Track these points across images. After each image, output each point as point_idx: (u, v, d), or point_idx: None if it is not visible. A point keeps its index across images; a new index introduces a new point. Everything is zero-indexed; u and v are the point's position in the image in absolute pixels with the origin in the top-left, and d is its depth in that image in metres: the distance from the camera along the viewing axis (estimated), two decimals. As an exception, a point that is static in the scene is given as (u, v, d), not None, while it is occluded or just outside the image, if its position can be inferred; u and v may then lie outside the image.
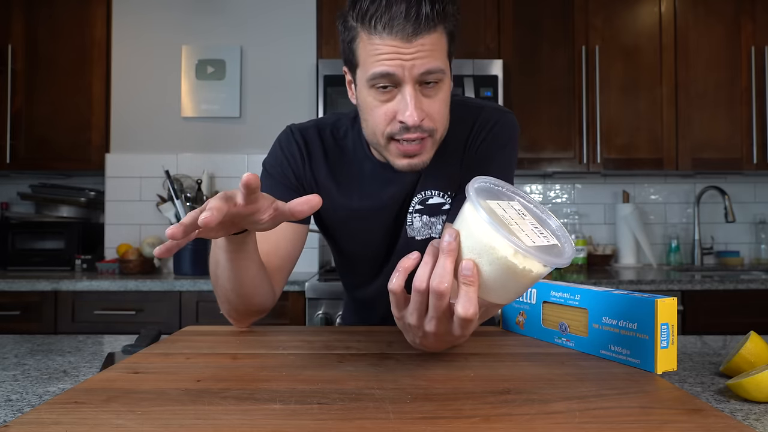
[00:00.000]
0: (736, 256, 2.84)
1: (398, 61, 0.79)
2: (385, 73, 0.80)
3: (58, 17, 2.60)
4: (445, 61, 0.85)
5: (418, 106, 0.81)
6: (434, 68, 0.81)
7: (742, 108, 2.59)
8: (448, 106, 0.88)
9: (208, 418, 0.49)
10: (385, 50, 0.79)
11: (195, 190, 2.57)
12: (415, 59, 0.79)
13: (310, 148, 1.00)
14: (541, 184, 2.96)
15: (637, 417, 0.50)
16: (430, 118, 0.84)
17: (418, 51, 0.79)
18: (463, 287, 0.55)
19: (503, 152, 0.96)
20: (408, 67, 0.79)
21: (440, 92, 0.85)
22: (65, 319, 2.22)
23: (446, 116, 0.88)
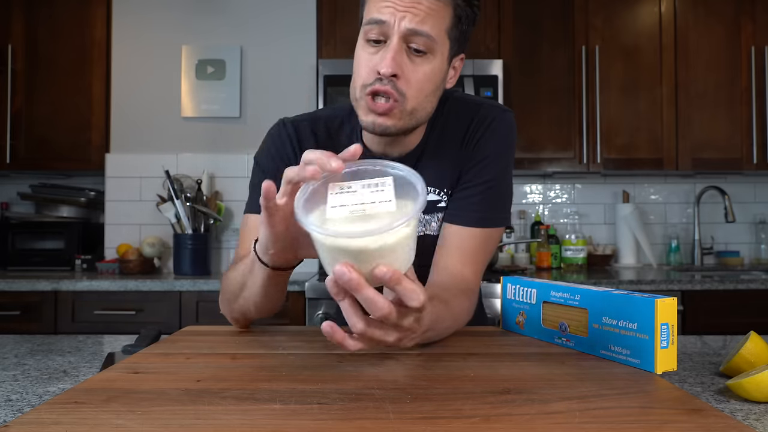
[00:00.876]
0: (736, 256, 2.85)
1: (392, 8, 0.80)
2: (376, 20, 0.81)
3: (58, 17, 2.60)
4: (441, 35, 0.83)
5: (396, 59, 0.81)
6: (423, 30, 0.81)
7: (742, 108, 2.59)
8: (432, 84, 0.86)
9: (208, 418, 0.49)
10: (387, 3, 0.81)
11: (195, 190, 2.57)
12: (407, 11, 0.80)
13: (303, 144, 0.98)
14: (541, 184, 2.96)
15: (637, 417, 0.50)
16: (406, 81, 0.83)
17: (414, 6, 0.80)
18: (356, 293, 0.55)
19: (500, 150, 0.94)
20: (399, 18, 0.80)
21: (426, 64, 0.84)
22: (65, 319, 2.22)
23: (424, 92, 0.85)
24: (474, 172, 0.93)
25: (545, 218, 2.96)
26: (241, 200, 2.70)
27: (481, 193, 0.92)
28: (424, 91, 0.85)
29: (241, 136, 2.75)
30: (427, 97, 0.87)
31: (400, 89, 0.83)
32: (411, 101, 0.84)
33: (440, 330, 0.76)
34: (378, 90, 0.83)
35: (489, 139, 0.94)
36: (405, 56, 0.82)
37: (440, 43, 0.84)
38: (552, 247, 2.72)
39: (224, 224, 2.71)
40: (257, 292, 0.80)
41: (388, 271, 0.54)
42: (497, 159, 0.94)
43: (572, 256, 2.68)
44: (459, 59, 0.92)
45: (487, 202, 0.93)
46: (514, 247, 2.89)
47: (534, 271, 2.64)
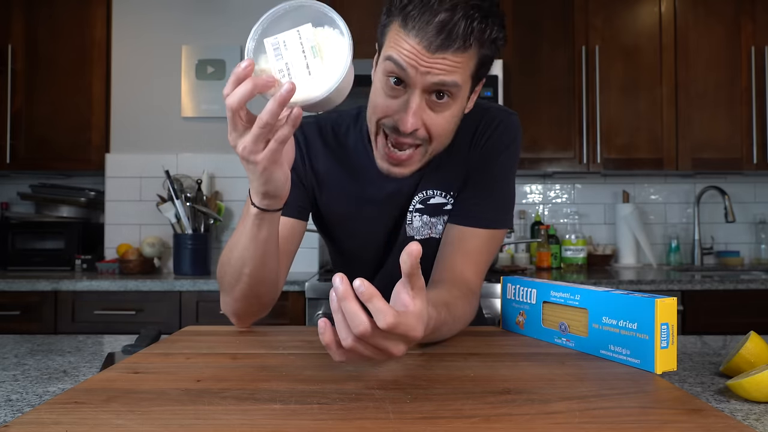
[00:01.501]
0: (736, 256, 2.85)
1: (415, 62, 0.77)
2: (398, 64, 0.78)
3: (58, 17, 2.60)
4: (466, 79, 0.81)
5: (417, 115, 0.80)
6: (449, 82, 0.78)
7: (742, 108, 2.59)
8: (453, 124, 0.85)
9: (208, 418, 0.49)
10: (407, 47, 0.77)
11: (195, 190, 2.57)
12: (431, 69, 0.77)
13: (310, 143, 0.98)
14: (541, 184, 2.96)
15: (637, 417, 0.50)
16: (428, 130, 0.82)
17: (438, 64, 0.77)
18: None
19: (506, 154, 0.95)
20: (422, 73, 0.77)
21: (449, 108, 0.82)
22: (65, 319, 2.22)
23: (448, 133, 0.86)
24: (480, 174, 0.94)
25: (545, 218, 2.96)
26: (241, 200, 2.70)
27: (487, 195, 0.93)
28: (446, 132, 0.85)
29: (241, 136, 2.75)
30: (449, 136, 0.87)
31: (422, 138, 0.83)
32: (433, 145, 0.85)
33: (443, 332, 0.76)
34: (400, 143, 0.83)
35: (495, 142, 0.94)
36: (426, 107, 0.81)
37: (463, 87, 0.82)
38: (552, 247, 2.72)
39: (224, 224, 2.71)
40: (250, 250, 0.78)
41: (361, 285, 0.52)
42: (503, 162, 0.95)
43: (572, 256, 2.68)
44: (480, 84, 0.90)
45: (492, 204, 0.93)
46: (514, 247, 2.89)
47: (534, 271, 2.64)
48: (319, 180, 0.99)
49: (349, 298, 0.53)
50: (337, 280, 0.53)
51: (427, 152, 0.86)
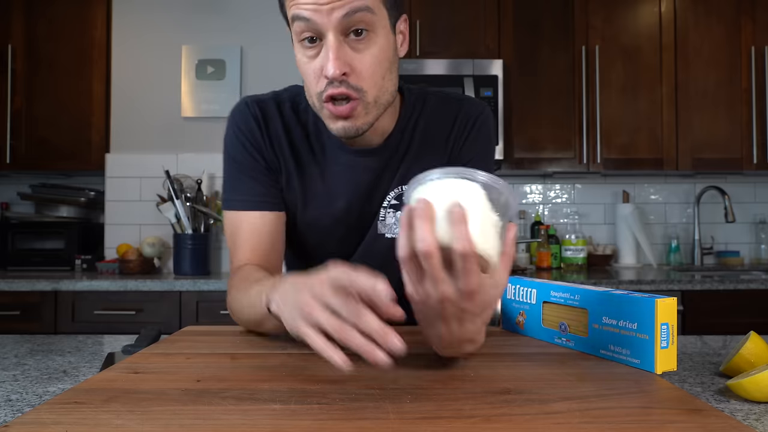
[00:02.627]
0: (736, 256, 2.85)
1: (314, 5, 0.73)
2: (300, 17, 0.75)
3: (58, 17, 2.61)
4: (378, 6, 0.76)
5: (339, 57, 0.75)
6: (358, 6, 0.73)
7: (742, 108, 2.59)
8: (384, 63, 0.80)
9: (208, 418, 0.49)
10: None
11: (195, 190, 2.57)
12: (332, 3, 0.73)
13: (269, 123, 0.92)
14: (541, 184, 2.96)
15: (637, 417, 0.50)
16: (357, 76, 0.77)
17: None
18: (455, 226, 0.54)
19: (486, 148, 0.97)
20: (325, 12, 0.73)
21: (372, 45, 0.78)
22: (65, 319, 2.22)
23: (380, 75, 0.80)
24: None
25: (545, 218, 2.96)
26: (241, 200, 2.70)
27: None
28: (379, 75, 0.80)
29: (241, 136, 2.75)
30: (384, 78, 0.81)
31: (354, 85, 0.78)
32: (371, 91, 0.80)
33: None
34: (333, 94, 0.78)
35: (477, 136, 0.95)
36: (347, 48, 0.76)
37: (378, 15, 0.77)
38: (552, 247, 2.72)
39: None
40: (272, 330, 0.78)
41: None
42: (486, 155, 0.96)
43: (572, 256, 2.68)
44: (402, 21, 0.85)
45: None
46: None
47: (534, 271, 2.64)
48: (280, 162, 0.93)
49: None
50: (421, 201, 0.55)
51: (369, 105, 0.80)
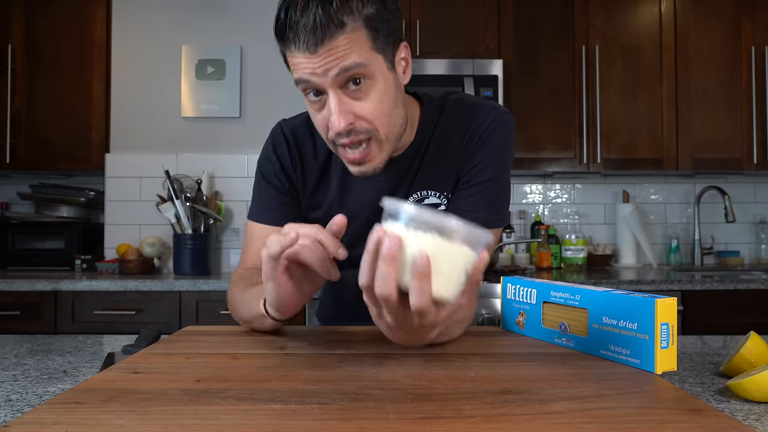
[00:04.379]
0: (736, 256, 2.85)
1: (309, 69, 0.78)
2: (302, 80, 0.80)
3: (58, 17, 2.61)
4: (370, 56, 0.79)
5: (342, 111, 0.79)
6: (348, 65, 0.77)
7: (742, 108, 2.59)
8: (388, 103, 0.83)
9: (208, 418, 0.49)
10: (299, 62, 0.79)
11: (195, 190, 2.57)
12: (326, 65, 0.77)
13: (302, 148, 1.00)
14: (541, 184, 2.96)
15: (637, 417, 0.50)
16: (364, 120, 0.82)
17: (327, 57, 0.77)
18: (416, 281, 0.55)
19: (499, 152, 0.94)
20: (321, 74, 0.78)
21: (372, 91, 0.81)
22: (65, 319, 2.22)
23: (387, 114, 0.84)
24: (473, 173, 0.93)
25: (545, 218, 2.96)
26: (240, 200, 2.70)
27: (480, 194, 0.92)
28: (385, 115, 0.83)
29: (241, 136, 2.75)
30: (391, 115, 0.85)
31: (363, 129, 0.82)
32: (381, 129, 0.83)
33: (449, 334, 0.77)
34: (345, 144, 0.83)
35: (488, 141, 0.93)
36: (348, 99, 0.80)
37: (372, 63, 0.80)
38: (552, 247, 2.72)
39: (224, 224, 2.71)
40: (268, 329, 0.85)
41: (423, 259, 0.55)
42: (496, 160, 0.93)
43: (572, 256, 2.68)
44: (402, 48, 0.88)
45: (486, 203, 0.93)
46: (514, 247, 2.89)
47: (534, 271, 2.64)
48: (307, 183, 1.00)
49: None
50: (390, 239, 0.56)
51: (382, 142, 0.85)
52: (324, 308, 1.21)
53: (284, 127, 1.01)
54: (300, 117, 1.02)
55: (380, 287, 0.57)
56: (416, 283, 0.56)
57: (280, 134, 1.01)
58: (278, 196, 1.00)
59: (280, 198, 1.00)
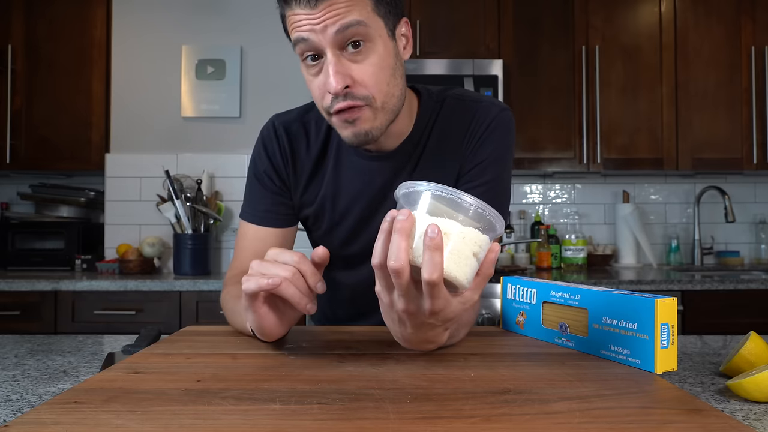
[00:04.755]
0: (736, 256, 2.85)
1: (309, 26, 0.77)
2: (300, 39, 0.78)
3: (58, 17, 2.61)
4: (369, 15, 0.78)
5: (338, 71, 0.78)
6: (348, 22, 0.76)
7: (742, 108, 2.59)
8: (387, 70, 0.82)
9: (208, 418, 0.49)
10: (298, 19, 0.77)
11: (195, 190, 2.57)
12: (325, 21, 0.76)
13: (294, 143, 0.98)
14: (541, 184, 2.96)
15: (637, 417, 0.50)
16: (362, 85, 0.80)
17: (327, 12, 0.76)
18: (428, 252, 0.55)
19: (500, 151, 0.93)
20: (320, 30, 0.76)
21: (371, 54, 0.80)
22: (65, 319, 2.22)
23: (385, 81, 0.82)
24: (474, 172, 0.92)
25: (545, 218, 2.96)
26: (240, 200, 2.69)
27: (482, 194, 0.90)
28: (383, 82, 0.82)
29: (241, 136, 2.75)
30: (389, 84, 0.83)
31: (359, 95, 0.80)
32: (377, 97, 0.82)
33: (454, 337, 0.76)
34: (340, 109, 0.81)
35: (489, 141, 0.92)
36: (346, 61, 0.79)
37: (373, 26, 0.79)
38: (552, 247, 2.72)
39: (224, 224, 2.71)
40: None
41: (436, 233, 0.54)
42: (497, 161, 0.92)
43: (572, 256, 2.68)
44: (403, 24, 0.87)
45: (489, 203, 0.92)
46: (514, 247, 2.89)
47: (534, 271, 2.64)
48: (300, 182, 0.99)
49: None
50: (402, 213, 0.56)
51: (377, 110, 0.83)
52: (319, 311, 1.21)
53: (276, 123, 1.00)
54: (294, 112, 1.01)
55: (393, 260, 0.56)
56: (428, 255, 0.55)
57: (272, 131, 0.99)
58: (269, 196, 0.99)
59: (271, 198, 0.99)
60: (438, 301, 0.58)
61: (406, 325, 0.63)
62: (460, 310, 0.61)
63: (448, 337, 0.68)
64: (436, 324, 0.63)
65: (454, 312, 0.61)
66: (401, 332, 0.65)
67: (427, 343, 0.67)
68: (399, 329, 0.65)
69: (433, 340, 0.67)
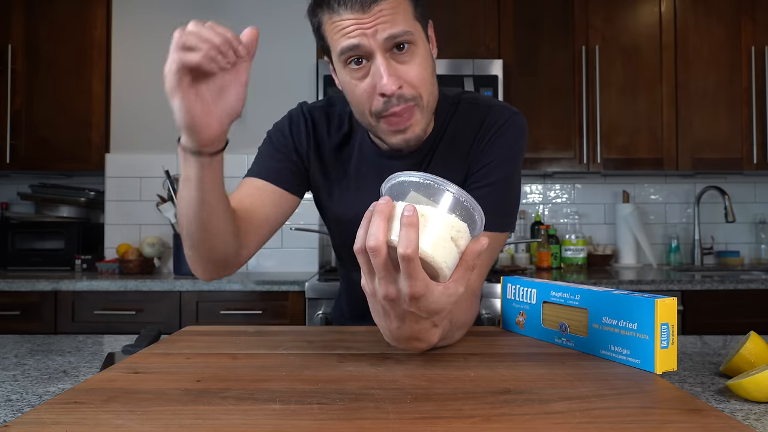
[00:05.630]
0: (736, 256, 2.85)
1: (359, 30, 0.79)
2: (351, 46, 0.80)
3: (58, 17, 2.60)
4: (413, 23, 0.83)
5: (392, 73, 0.81)
6: (398, 32, 0.80)
7: (742, 108, 2.59)
8: (429, 70, 0.86)
9: (208, 418, 0.49)
10: (347, 24, 0.80)
11: (195, 190, 2.56)
12: (376, 26, 0.79)
13: (317, 129, 1.01)
14: (541, 184, 2.96)
15: (637, 417, 0.50)
16: (410, 85, 0.83)
17: (378, 17, 0.79)
18: (403, 228, 0.56)
19: (508, 153, 0.93)
20: (371, 35, 0.79)
21: (416, 56, 0.83)
22: (65, 319, 2.22)
23: (429, 81, 0.86)
24: (481, 174, 0.92)
25: (545, 218, 2.96)
26: (241, 200, 2.70)
27: (487, 196, 0.90)
28: (426, 80, 0.85)
29: (241, 136, 2.74)
30: (432, 84, 0.87)
31: (410, 96, 0.83)
32: (424, 96, 0.86)
33: (449, 339, 0.76)
34: (395, 113, 0.83)
35: (497, 142, 0.93)
36: (395, 63, 0.82)
37: (415, 30, 0.83)
38: (552, 247, 2.72)
39: (224, 224, 2.71)
40: (194, 204, 0.78)
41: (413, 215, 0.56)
42: (505, 162, 0.93)
43: (572, 256, 2.68)
44: (430, 27, 0.91)
45: (493, 205, 0.92)
46: (514, 247, 2.89)
47: (534, 271, 2.64)
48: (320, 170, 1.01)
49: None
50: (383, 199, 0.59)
51: (423, 109, 0.86)
52: (338, 309, 1.22)
53: (304, 108, 1.03)
54: (319, 102, 1.04)
55: (371, 240, 0.57)
56: (403, 231, 0.56)
57: (300, 113, 1.02)
58: (283, 160, 0.99)
59: (284, 162, 0.99)
60: (416, 282, 0.57)
61: (390, 316, 0.63)
62: (444, 303, 0.61)
63: (440, 337, 0.67)
64: (419, 315, 0.61)
65: (438, 303, 0.60)
66: (388, 326, 0.65)
67: (415, 340, 0.66)
68: (385, 323, 0.64)
69: (422, 337, 0.65)
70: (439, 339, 0.68)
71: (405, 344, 0.67)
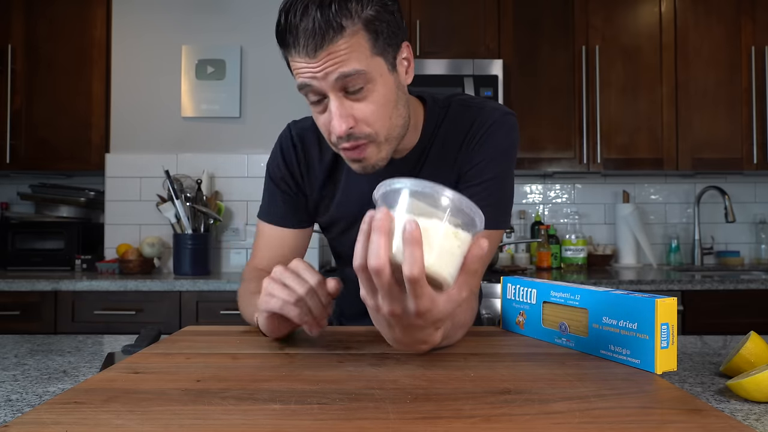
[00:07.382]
0: (736, 256, 2.85)
1: (310, 74, 0.78)
2: (303, 85, 0.80)
3: (58, 17, 2.60)
4: (369, 60, 0.79)
5: (342, 115, 0.80)
6: (348, 72, 0.77)
7: (742, 108, 2.59)
8: (389, 105, 0.83)
9: (208, 418, 0.49)
10: (300, 66, 0.79)
11: (195, 190, 2.57)
12: (325, 69, 0.77)
13: (308, 152, 1.02)
14: (541, 184, 2.96)
15: (637, 417, 0.50)
16: (365, 123, 0.82)
17: (326, 61, 0.77)
18: (407, 247, 0.54)
19: (500, 151, 0.93)
20: (321, 78, 0.78)
21: (372, 93, 0.81)
22: (65, 319, 2.22)
23: (387, 116, 0.84)
24: (473, 172, 0.92)
25: (545, 218, 2.96)
26: (240, 200, 2.70)
27: (480, 194, 0.90)
28: (385, 117, 0.83)
29: (241, 136, 2.75)
30: (392, 117, 0.85)
31: (362, 134, 0.82)
32: (380, 132, 0.84)
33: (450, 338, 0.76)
34: (345, 148, 0.84)
35: (489, 140, 0.92)
36: (348, 102, 0.80)
37: (372, 68, 0.80)
38: (552, 247, 2.72)
39: (224, 224, 2.71)
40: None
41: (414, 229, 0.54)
42: (496, 160, 0.92)
43: (572, 256, 2.68)
44: (404, 49, 0.87)
45: (488, 203, 0.92)
46: (514, 247, 2.89)
47: (534, 271, 2.64)
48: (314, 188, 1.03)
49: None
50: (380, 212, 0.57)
51: (381, 144, 0.85)
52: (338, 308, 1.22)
53: (293, 130, 1.04)
54: (309, 120, 1.04)
55: (372, 259, 0.55)
56: (408, 251, 0.54)
57: (289, 139, 1.04)
58: (285, 200, 1.04)
59: (287, 201, 1.04)
60: (423, 300, 0.56)
61: (395, 328, 0.62)
62: (449, 310, 0.59)
63: (442, 337, 0.67)
64: (425, 325, 0.61)
65: (443, 312, 0.59)
66: (391, 335, 0.64)
67: (419, 343, 0.65)
68: (389, 332, 0.64)
69: (425, 340, 0.64)
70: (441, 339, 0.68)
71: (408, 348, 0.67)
